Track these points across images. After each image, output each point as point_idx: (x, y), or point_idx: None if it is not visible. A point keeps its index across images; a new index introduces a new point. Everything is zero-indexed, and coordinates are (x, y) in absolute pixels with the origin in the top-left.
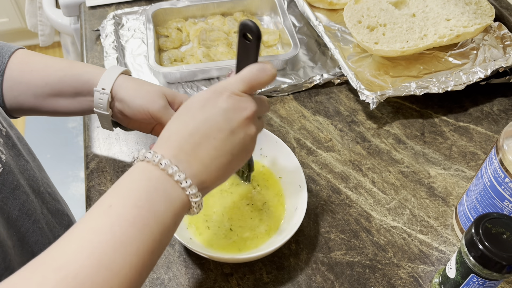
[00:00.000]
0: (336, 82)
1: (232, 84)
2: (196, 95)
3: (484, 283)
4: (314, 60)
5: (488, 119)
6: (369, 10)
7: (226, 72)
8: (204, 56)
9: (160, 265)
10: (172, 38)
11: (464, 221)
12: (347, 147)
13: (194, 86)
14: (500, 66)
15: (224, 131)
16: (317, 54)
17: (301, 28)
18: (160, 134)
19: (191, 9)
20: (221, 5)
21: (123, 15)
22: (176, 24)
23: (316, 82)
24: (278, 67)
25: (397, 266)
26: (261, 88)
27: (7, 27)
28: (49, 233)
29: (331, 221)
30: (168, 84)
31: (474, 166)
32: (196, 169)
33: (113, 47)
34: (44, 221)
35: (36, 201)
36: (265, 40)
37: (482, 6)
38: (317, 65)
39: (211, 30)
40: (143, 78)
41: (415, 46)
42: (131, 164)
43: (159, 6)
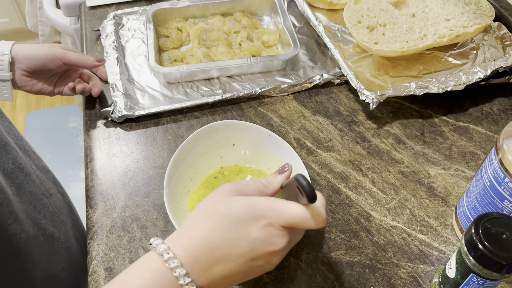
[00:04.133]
0: (336, 82)
1: (275, 215)
2: (235, 203)
3: (484, 283)
4: (314, 60)
5: (488, 119)
6: (369, 10)
7: (226, 73)
8: (204, 56)
9: None
10: (172, 38)
11: (464, 221)
12: (347, 147)
13: (194, 86)
14: (500, 66)
15: (245, 257)
16: (317, 54)
17: (301, 28)
18: (184, 224)
19: (191, 9)
20: (221, 5)
21: (123, 15)
22: (176, 24)
23: (316, 82)
24: (278, 67)
25: (397, 266)
26: None
27: (7, 27)
28: (40, 185)
29: (331, 221)
30: (168, 84)
31: (474, 166)
32: (204, 280)
33: (113, 47)
34: (34, 174)
35: (24, 157)
36: (265, 40)
37: (482, 6)
38: (317, 65)
39: (211, 30)
40: (144, 78)
41: (415, 46)
42: (131, 164)
43: (159, 6)
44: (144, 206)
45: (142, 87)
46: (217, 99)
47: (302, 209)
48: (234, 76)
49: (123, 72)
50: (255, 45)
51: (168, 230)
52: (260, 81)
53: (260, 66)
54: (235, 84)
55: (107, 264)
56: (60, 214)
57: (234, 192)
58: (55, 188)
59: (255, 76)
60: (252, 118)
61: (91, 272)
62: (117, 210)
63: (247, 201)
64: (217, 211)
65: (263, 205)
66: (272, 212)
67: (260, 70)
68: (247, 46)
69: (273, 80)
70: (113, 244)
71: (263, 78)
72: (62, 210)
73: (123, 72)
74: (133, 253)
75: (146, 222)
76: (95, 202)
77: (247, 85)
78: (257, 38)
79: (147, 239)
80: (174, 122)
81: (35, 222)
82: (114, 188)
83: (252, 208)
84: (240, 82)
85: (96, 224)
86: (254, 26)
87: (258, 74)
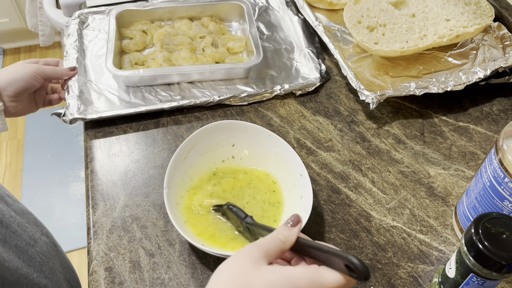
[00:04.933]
0: (297, 93)
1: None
2: (272, 275)
3: (483, 282)
4: (278, 69)
5: (487, 119)
6: (369, 10)
7: (187, 78)
8: (164, 60)
9: (160, 264)
10: (136, 40)
11: (463, 220)
12: (347, 147)
13: (153, 90)
14: (500, 66)
15: None
16: (282, 64)
17: (269, 36)
18: None
19: (158, 12)
20: (190, 9)
21: (89, 14)
22: (142, 27)
23: (277, 92)
24: (241, 75)
25: (397, 265)
26: None
27: (7, 27)
28: (23, 234)
29: (331, 221)
30: (127, 88)
31: (473, 166)
32: None
33: (74, 47)
34: (15, 224)
35: (1, 205)
36: (230, 47)
37: (482, 6)
38: (281, 75)
39: (175, 34)
40: (103, 80)
41: (414, 46)
42: (131, 163)
43: (125, 7)
44: (144, 206)
45: (100, 90)
46: (173, 105)
47: (341, 279)
48: (196, 82)
49: (81, 73)
50: (219, 52)
51: (168, 230)
52: (221, 89)
53: (221, 73)
54: (195, 90)
55: (107, 264)
56: (48, 261)
57: (264, 259)
58: (38, 231)
59: (216, 83)
60: (252, 118)
61: (91, 272)
62: (117, 210)
63: (288, 275)
64: (254, 285)
65: (305, 280)
66: (315, 286)
67: (222, 78)
68: (210, 52)
69: (234, 88)
70: (113, 244)
71: (225, 86)
72: (49, 255)
73: (81, 73)
74: (133, 253)
75: (146, 222)
76: (95, 202)
77: (207, 92)
78: (222, 44)
79: (147, 239)
80: (174, 122)
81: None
82: (114, 188)
83: (294, 284)
84: (201, 88)
85: (96, 224)
86: (221, 32)
87: (220, 82)
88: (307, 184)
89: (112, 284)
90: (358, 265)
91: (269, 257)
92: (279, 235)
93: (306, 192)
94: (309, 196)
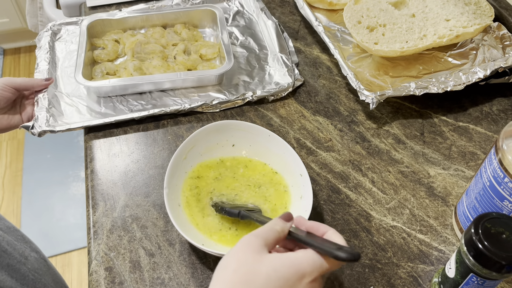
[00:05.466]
0: (270, 99)
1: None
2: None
3: (483, 282)
4: (251, 75)
5: (487, 119)
6: (368, 10)
7: (159, 87)
8: (135, 69)
9: (160, 264)
10: (108, 50)
11: (463, 220)
12: (346, 147)
13: (125, 100)
14: (500, 66)
15: None
16: (256, 69)
17: (243, 41)
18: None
19: (131, 21)
20: (163, 17)
21: (62, 25)
22: (114, 36)
23: (249, 99)
24: (213, 82)
25: (397, 265)
26: None
27: (7, 27)
28: (14, 252)
29: (331, 221)
30: (99, 98)
31: (473, 166)
32: None
33: (45, 59)
34: (4, 242)
35: None
36: (203, 54)
37: (482, 7)
38: (254, 81)
39: (146, 42)
40: (74, 92)
41: (414, 46)
42: (131, 163)
43: (96, 17)
44: (144, 206)
45: (71, 101)
46: (143, 114)
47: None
48: (168, 90)
49: (51, 85)
50: (190, 59)
51: (168, 230)
52: (193, 97)
53: (193, 81)
54: (166, 99)
55: (107, 264)
56: (41, 278)
57: (264, 247)
58: (28, 247)
59: (189, 91)
60: (252, 118)
61: (91, 272)
62: (117, 210)
63: (290, 260)
64: (260, 273)
65: (307, 263)
66: (316, 267)
67: (195, 85)
68: (182, 59)
69: (206, 95)
70: (113, 244)
71: (197, 94)
72: (41, 271)
73: (52, 85)
74: (133, 253)
75: (146, 222)
76: (95, 202)
77: (179, 101)
78: (195, 51)
79: (147, 239)
80: (174, 122)
81: None
82: (114, 188)
83: (297, 267)
84: (173, 97)
85: (96, 224)
86: (195, 38)
87: (192, 89)
88: (307, 184)
89: (112, 284)
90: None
91: (268, 246)
92: (276, 225)
93: (306, 192)
94: (309, 196)
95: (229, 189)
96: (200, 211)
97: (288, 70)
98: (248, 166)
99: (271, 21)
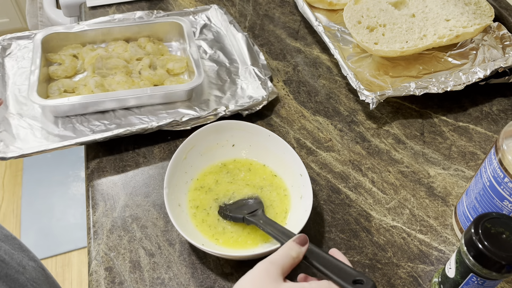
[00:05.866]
0: (244, 114)
1: None
2: None
3: (483, 282)
4: (223, 89)
5: (487, 119)
6: (368, 10)
7: (123, 104)
8: (96, 86)
9: (160, 264)
10: (65, 66)
11: (463, 220)
12: (346, 147)
13: (86, 120)
14: (500, 66)
15: None
16: (227, 83)
17: (212, 55)
18: None
19: (90, 34)
20: (125, 30)
21: (13, 40)
22: (72, 51)
23: (221, 114)
24: (182, 98)
25: (397, 265)
26: None
27: (7, 27)
28: (12, 261)
29: (331, 221)
30: (55, 119)
31: (473, 166)
32: None
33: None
34: (2, 251)
35: None
36: (170, 68)
37: (482, 7)
38: (226, 95)
39: (108, 57)
40: (28, 113)
41: (414, 46)
42: (131, 163)
43: (51, 30)
44: (144, 206)
45: (25, 123)
46: (106, 135)
47: None
48: (133, 108)
49: (2, 106)
50: (157, 74)
51: (168, 230)
52: (161, 114)
53: (160, 97)
54: (132, 117)
55: (107, 264)
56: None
57: (280, 276)
58: (26, 256)
59: (156, 108)
60: (252, 118)
61: (91, 272)
62: (117, 210)
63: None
64: None
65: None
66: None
67: (162, 101)
68: (148, 74)
69: (175, 112)
70: (113, 244)
71: (165, 110)
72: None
73: (2, 106)
74: (133, 253)
75: (146, 222)
76: (95, 202)
77: (146, 119)
78: (161, 65)
79: (147, 239)
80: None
81: None
82: (115, 188)
83: None
84: (138, 115)
85: (96, 224)
86: (160, 52)
87: (159, 106)
88: (307, 184)
89: (112, 284)
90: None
91: (283, 273)
92: (292, 251)
93: (306, 192)
94: (309, 196)
95: (229, 192)
96: (200, 211)
97: (261, 83)
98: (251, 170)
99: (241, 34)
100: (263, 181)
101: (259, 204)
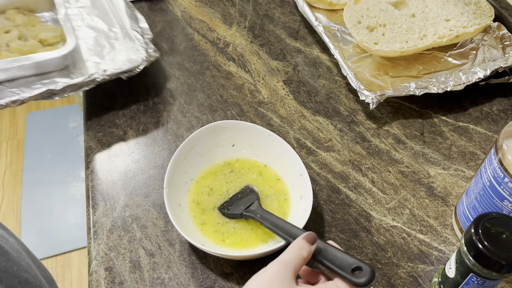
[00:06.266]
0: (125, 77)
1: None
2: None
3: (483, 282)
4: (101, 55)
5: (487, 119)
6: (368, 10)
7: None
8: None
9: (160, 264)
10: None
11: (463, 220)
12: (346, 147)
13: None
14: (500, 66)
15: None
16: (106, 49)
17: (89, 22)
18: None
19: None
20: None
21: None
22: None
23: (99, 78)
24: (58, 67)
25: (397, 265)
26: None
27: None
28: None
29: (331, 221)
30: None
31: (473, 166)
32: None
33: None
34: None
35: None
36: (43, 38)
37: (482, 7)
38: (104, 60)
39: None
40: None
41: (414, 46)
42: (131, 163)
43: None
44: (144, 206)
45: None
46: None
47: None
48: (4, 82)
49: None
50: (27, 45)
51: (168, 230)
52: (35, 85)
53: (31, 67)
54: (4, 92)
55: (107, 264)
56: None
57: (293, 278)
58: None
59: (29, 80)
60: (252, 118)
61: (91, 272)
62: (117, 210)
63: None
64: None
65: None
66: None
67: (36, 72)
68: (16, 46)
69: (51, 82)
70: (113, 244)
71: (40, 81)
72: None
73: None
74: (133, 253)
75: (146, 222)
76: (95, 202)
77: (18, 91)
78: (33, 36)
79: (147, 239)
80: (174, 122)
81: None
82: (115, 188)
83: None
84: (10, 88)
85: (96, 224)
86: (32, 24)
87: (34, 77)
88: (307, 184)
89: (112, 284)
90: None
91: (295, 274)
92: (303, 251)
93: (306, 192)
94: (309, 196)
95: (228, 192)
96: (200, 211)
97: (141, 45)
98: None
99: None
100: (270, 188)
101: (255, 195)
